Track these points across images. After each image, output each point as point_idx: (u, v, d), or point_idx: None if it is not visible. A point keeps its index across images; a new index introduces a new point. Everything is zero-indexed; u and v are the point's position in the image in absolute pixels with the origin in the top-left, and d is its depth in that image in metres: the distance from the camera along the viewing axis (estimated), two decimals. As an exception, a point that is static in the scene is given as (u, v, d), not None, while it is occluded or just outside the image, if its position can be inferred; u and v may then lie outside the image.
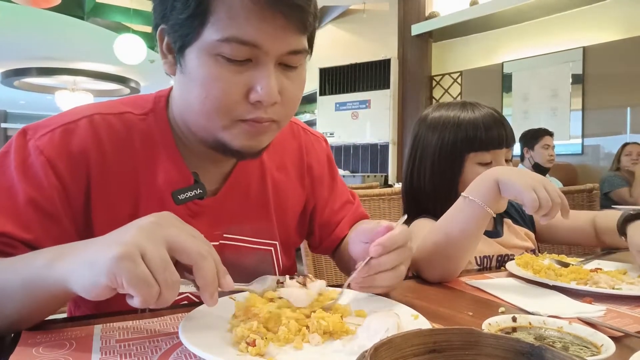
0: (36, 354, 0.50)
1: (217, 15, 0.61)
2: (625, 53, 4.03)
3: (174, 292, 0.50)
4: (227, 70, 0.63)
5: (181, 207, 0.75)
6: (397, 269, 0.69)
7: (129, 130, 0.74)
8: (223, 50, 0.62)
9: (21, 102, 11.81)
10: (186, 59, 0.65)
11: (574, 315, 0.64)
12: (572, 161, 4.38)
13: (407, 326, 0.54)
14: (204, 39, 0.62)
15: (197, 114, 0.68)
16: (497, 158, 1.09)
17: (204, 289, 0.52)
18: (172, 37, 0.66)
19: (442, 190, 1.11)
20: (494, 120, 1.09)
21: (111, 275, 0.47)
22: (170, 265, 0.49)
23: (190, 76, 0.66)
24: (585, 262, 1.01)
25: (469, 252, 0.89)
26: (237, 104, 0.65)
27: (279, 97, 0.66)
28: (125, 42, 5.47)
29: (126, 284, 0.47)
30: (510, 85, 4.85)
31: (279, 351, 0.51)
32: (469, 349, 0.36)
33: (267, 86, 0.63)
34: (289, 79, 0.68)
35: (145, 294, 0.47)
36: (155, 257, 0.48)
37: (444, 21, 4.99)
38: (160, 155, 0.76)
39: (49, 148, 0.68)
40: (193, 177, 0.76)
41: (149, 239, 0.49)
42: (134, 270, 0.47)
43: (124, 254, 0.47)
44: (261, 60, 0.64)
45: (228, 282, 0.54)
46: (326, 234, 0.97)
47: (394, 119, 5.50)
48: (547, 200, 0.80)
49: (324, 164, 0.97)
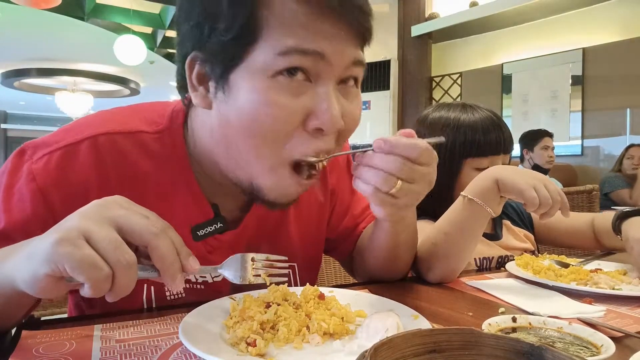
0: (36, 354, 0.50)
1: (269, 29, 0.55)
2: (624, 54, 4.03)
3: (129, 274, 0.45)
4: (286, 93, 0.56)
5: (200, 242, 0.70)
6: (388, 177, 0.58)
7: (140, 154, 0.67)
8: (281, 65, 0.55)
9: (21, 103, 11.80)
10: (231, 85, 0.58)
11: (574, 316, 0.64)
12: (571, 162, 4.38)
13: (407, 326, 0.54)
14: (255, 59, 0.56)
15: (239, 152, 0.60)
16: (495, 164, 1.09)
17: (163, 272, 0.48)
18: (211, 63, 0.58)
19: (439, 192, 1.11)
20: (492, 124, 1.09)
21: (51, 264, 0.43)
22: (121, 244, 0.45)
23: (236, 104, 0.58)
24: (585, 263, 1.01)
25: (468, 252, 0.89)
26: (292, 133, 0.58)
27: (342, 123, 0.58)
28: (125, 43, 5.46)
29: (69, 269, 0.43)
30: (510, 87, 4.85)
31: (279, 351, 0.51)
32: (469, 349, 0.36)
33: (331, 108, 0.56)
34: (349, 100, 0.61)
35: (93, 277, 0.43)
36: (102, 238, 0.44)
37: (444, 22, 4.99)
38: (177, 184, 0.68)
39: (44, 175, 0.62)
40: (213, 210, 0.70)
41: (93, 221, 0.45)
42: (76, 253, 0.43)
43: (62, 238, 0.43)
44: (322, 77, 0.57)
45: (192, 264, 0.50)
46: (343, 238, 0.92)
47: (393, 120, 5.50)
48: (548, 199, 0.80)
49: (344, 167, 0.92)
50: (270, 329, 0.55)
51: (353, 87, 0.62)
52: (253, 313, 0.56)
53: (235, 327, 0.55)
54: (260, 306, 0.59)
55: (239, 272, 0.57)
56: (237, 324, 0.56)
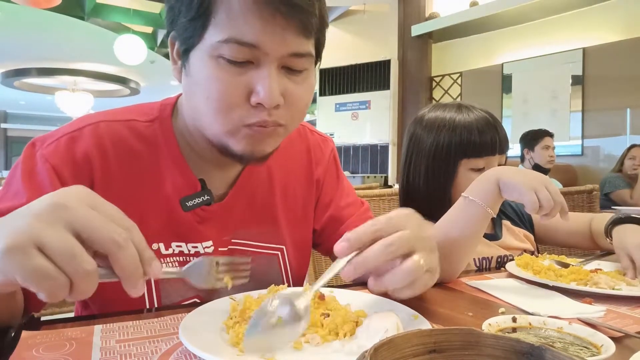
0: (36, 354, 0.50)
1: (218, 16, 0.61)
2: (625, 54, 4.03)
3: (89, 281, 0.43)
4: (228, 72, 0.63)
5: (189, 213, 0.76)
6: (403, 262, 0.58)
7: (134, 137, 0.75)
8: (223, 52, 0.62)
9: (21, 103, 11.82)
10: (190, 62, 0.66)
11: (574, 316, 0.64)
12: (571, 162, 4.39)
13: (407, 326, 0.54)
14: (206, 42, 0.63)
15: (203, 117, 0.68)
16: (490, 164, 1.10)
17: (124, 280, 0.46)
18: (179, 41, 0.67)
19: (435, 193, 1.12)
20: (488, 124, 1.09)
21: (1, 274, 0.42)
22: (78, 252, 0.42)
23: (193, 79, 0.66)
24: (585, 263, 1.01)
25: (468, 252, 0.89)
26: (238, 106, 0.64)
27: (281, 99, 0.65)
28: (126, 42, 5.47)
29: (20, 281, 0.41)
30: (510, 86, 4.86)
31: (279, 351, 0.51)
32: (469, 349, 0.36)
33: (268, 87, 0.63)
34: (294, 83, 0.67)
35: (47, 288, 0.41)
36: (57, 245, 0.41)
37: (444, 22, 4.99)
38: (166, 162, 0.76)
39: (54, 156, 0.70)
40: (200, 183, 0.76)
41: (48, 225, 0.42)
42: (27, 264, 0.40)
43: (11, 246, 0.40)
44: (262, 62, 0.63)
45: (154, 269, 0.48)
46: (329, 230, 0.94)
47: (393, 120, 5.50)
48: (549, 201, 0.80)
49: (330, 162, 0.97)
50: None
51: (299, 75, 0.68)
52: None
53: (235, 327, 0.55)
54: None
55: (202, 277, 0.57)
56: (237, 324, 0.56)
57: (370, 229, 0.58)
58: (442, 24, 5.02)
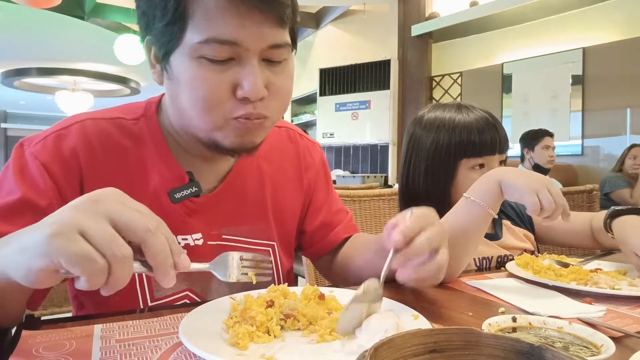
0: (36, 354, 0.50)
1: (195, 18, 0.62)
2: (625, 54, 4.03)
3: (126, 267, 0.46)
4: (211, 70, 0.64)
5: (178, 206, 0.77)
6: (435, 255, 0.62)
7: (120, 134, 0.76)
8: (204, 52, 0.63)
9: (21, 102, 11.80)
10: (172, 66, 0.67)
11: (574, 316, 0.64)
12: (571, 162, 4.38)
13: (407, 326, 0.54)
14: (185, 44, 0.64)
15: (190, 118, 0.69)
16: (490, 164, 1.10)
17: (156, 268, 0.49)
18: (157, 46, 0.67)
19: (435, 193, 1.12)
20: (487, 124, 1.09)
21: (46, 258, 0.44)
22: (117, 238, 0.46)
23: (177, 82, 0.67)
24: (585, 263, 1.01)
25: (469, 253, 0.89)
26: (225, 102, 0.66)
27: (265, 92, 0.66)
28: (126, 42, 5.47)
29: (65, 263, 0.43)
30: (510, 86, 4.85)
31: (279, 351, 0.51)
32: (469, 349, 0.36)
33: (252, 81, 0.64)
34: (275, 73, 0.69)
35: (89, 270, 0.44)
36: (97, 231, 0.45)
37: (444, 22, 4.99)
38: (153, 157, 0.77)
39: (43, 154, 0.71)
40: (187, 175, 0.77)
41: (88, 216, 0.46)
42: (71, 247, 0.43)
43: (56, 231, 0.44)
44: (243, 57, 0.65)
45: (183, 261, 0.51)
46: (321, 236, 0.96)
47: (393, 120, 5.50)
48: (550, 203, 0.80)
49: (320, 168, 0.99)
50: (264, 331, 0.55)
51: (279, 65, 0.69)
52: (254, 314, 0.56)
53: (235, 327, 0.55)
54: (261, 306, 0.59)
55: (227, 270, 0.60)
56: (237, 323, 0.56)
57: (414, 224, 0.61)
58: (442, 23, 5.01)
